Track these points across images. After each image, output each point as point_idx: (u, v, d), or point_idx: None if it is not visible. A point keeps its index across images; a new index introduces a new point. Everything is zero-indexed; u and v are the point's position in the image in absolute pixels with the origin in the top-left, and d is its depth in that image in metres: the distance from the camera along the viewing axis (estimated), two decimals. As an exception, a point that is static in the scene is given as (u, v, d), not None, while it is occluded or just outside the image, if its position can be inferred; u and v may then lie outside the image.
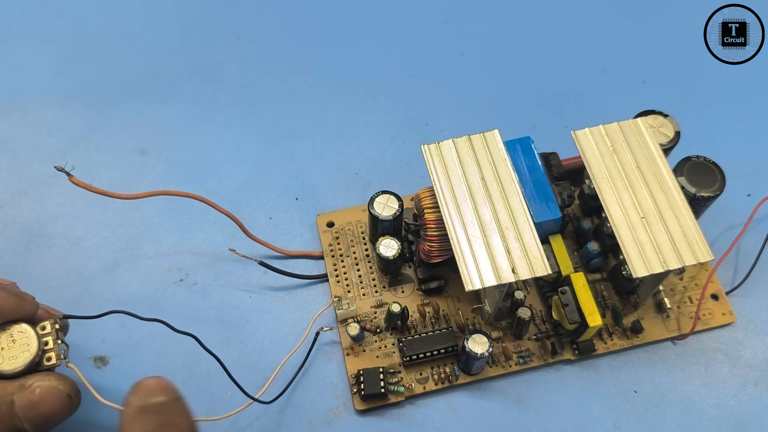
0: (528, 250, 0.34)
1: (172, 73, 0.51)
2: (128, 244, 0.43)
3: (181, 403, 0.27)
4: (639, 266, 0.34)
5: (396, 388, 0.37)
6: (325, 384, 0.39)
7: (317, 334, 0.39)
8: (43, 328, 0.31)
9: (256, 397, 0.35)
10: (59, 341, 0.32)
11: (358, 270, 0.42)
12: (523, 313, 0.37)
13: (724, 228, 0.43)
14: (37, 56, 0.52)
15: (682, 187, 0.37)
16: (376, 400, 0.37)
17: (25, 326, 0.31)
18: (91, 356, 0.39)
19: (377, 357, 0.39)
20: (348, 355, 0.39)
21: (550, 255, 0.38)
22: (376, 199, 0.39)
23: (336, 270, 0.42)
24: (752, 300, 0.41)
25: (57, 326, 0.32)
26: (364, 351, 0.39)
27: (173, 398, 0.27)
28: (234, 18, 0.54)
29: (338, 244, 0.43)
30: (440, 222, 0.36)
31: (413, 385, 0.38)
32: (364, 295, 0.41)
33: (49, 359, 0.31)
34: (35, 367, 0.31)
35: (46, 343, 0.31)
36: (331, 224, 0.44)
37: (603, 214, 0.36)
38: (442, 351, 0.37)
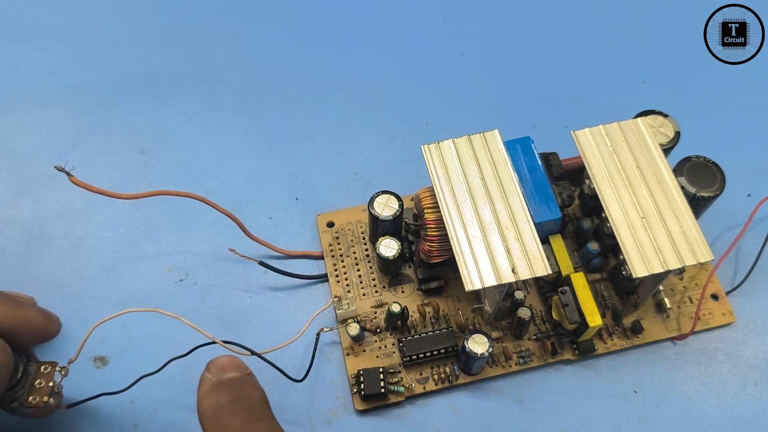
0: (528, 250, 0.34)
1: (172, 73, 0.51)
2: (128, 244, 0.43)
3: (252, 378, 0.29)
4: (639, 266, 0.34)
5: (396, 388, 0.37)
6: (325, 384, 0.39)
7: (318, 335, 0.39)
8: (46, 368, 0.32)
9: (259, 352, 0.35)
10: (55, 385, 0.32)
11: (358, 270, 0.42)
12: (523, 313, 0.37)
13: (724, 228, 0.43)
14: (37, 56, 0.52)
15: (682, 187, 0.37)
16: (376, 400, 0.37)
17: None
18: (91, 356, 0.39)
19: (377, 357, 0.39)
20: (348, 355, 0.39)
21: (550, 255, 0.38)
22: (376, 199, 0.39)
23: (336, 270, 0.42)
24: (752, 300, 0.41)
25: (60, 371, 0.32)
26: (364, 351, 0.39)
27: (245, 374, 0.28)
28: (234, 18, 0.54)
29: (338, 244, 0.43)
30: (440, 222, 0.36)
31: (413, 385, 0.38)
32: (364, 295, 0.41)
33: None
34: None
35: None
36: (331, 224, 0.44)
37: (603, 214, 0.36)
38: (442, 351, 0.37)
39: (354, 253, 0.42)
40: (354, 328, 0.38)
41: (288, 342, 0.37)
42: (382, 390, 0.37)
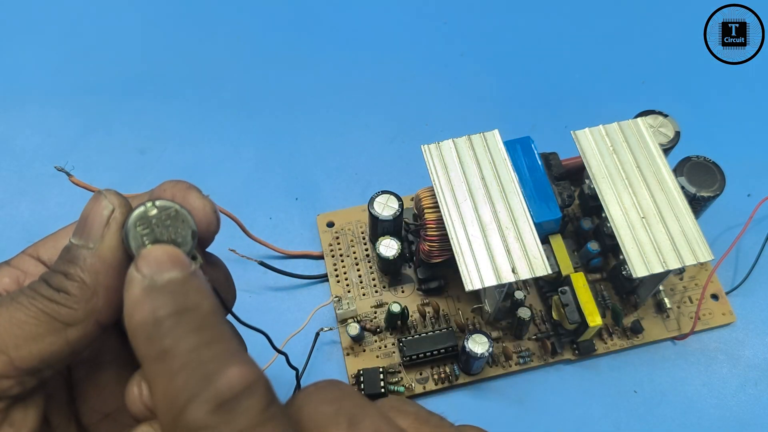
0: (528, 250, 0.34)
1: (172, 73, 0.51)
2: (128, 244, 0.43)
3: (200, 279, 0.20)
4: (639, 266, 0.34)
5: (396, 388, 0.37)
6: (325, 384, 0.38)
7: (317, 334, 0.39)
8: None
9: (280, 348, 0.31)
10: None
11: (358, 270, 0.42)
12: (523, 313, 0.37)
13: (724, 228, 0.43)
14: (37, 56, 0.52)
15: (682, 187, 0.37)
16: (376, 401, 0.37)
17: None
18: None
19: (377, 357, 0.39)
20: (348, 355, 0.39)
21: (550, 255, 0.38)
22: (376, 199, 0.39)
23: (336, 270, 0.42)
24: (752, 300, 0.41)
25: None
26: (364, 351, 0.39)
27: (189, 273, 0.19)
28: (234, 18, 0.54)
29: (338, 244, 0.43)
30: (440, 222, 0.36)
31: (413, 385, 0.38)
32: (364, 295, 0.41)
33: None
34: None
35: None
36: (331, 224, 0.44)
37: (603, 214, 0.36)
38: (442, 351, 0.37)
39: (354, 253, 0.42)
40: (354, 328, 0.38)
41: (291, 335, 0.37)
42: (382, 390, 0.37)
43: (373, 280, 0.41)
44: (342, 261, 0.42)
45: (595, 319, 0.36)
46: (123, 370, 0.23)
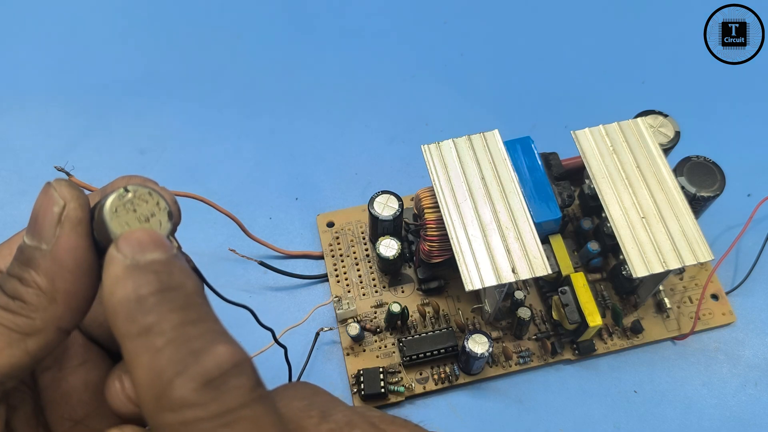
0: (528, 250, 0.34)
1: (172, 73, 0.51)
2: (128, 244, 0.43)
3: (182, 260, 0.20)
4: (639, 266, 0.34)
5: (396, 388, 0.37)
6: (325, 384, 0.38)
7: (317, 334, 0.39)
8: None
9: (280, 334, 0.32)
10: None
11: (358, 270, 0.42)
12: (523, 313, 0.37)
13: (724, 228, 0.43)
14: (38, 56, 0.52)
15: (682, 187, 0.37)
16: (376, 400, 0.37)
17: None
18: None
19: (377, 357, 0.39)
20: (348, 355, 0.39)
21: (550, 255, 0.38)
22: (376, 199, 0.39)
23: (336, 270, 0.42)
24: (752, 300, 0.41)
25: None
26: (364, 351, 0.39)
27: (172, 255, 0.19)
28: (234, 18, 0.54)
29: (338, 244, 0.43)
30: (440, 222, 0.36)
31: (413, 385, 0.38)
32: (364, 295, 0.41)
33: None
34: None
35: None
36: (331, 224, 0.44)
37: (603, 214, 0.36)
38: (442, 351, 0.37)
39: (354, 253, 0.42)
40: (354, 328, 0.38)
41: (287, 328, 0.37)
42: (382, 390, 0.37)
43: (373, 280, 0.41)
44: (342, 261, 0.42)
45: (595, 319, 0.36)
46: (90, 376, 0.22)
